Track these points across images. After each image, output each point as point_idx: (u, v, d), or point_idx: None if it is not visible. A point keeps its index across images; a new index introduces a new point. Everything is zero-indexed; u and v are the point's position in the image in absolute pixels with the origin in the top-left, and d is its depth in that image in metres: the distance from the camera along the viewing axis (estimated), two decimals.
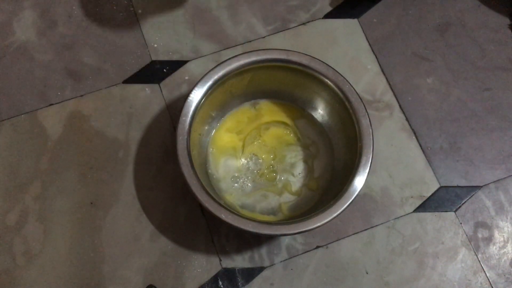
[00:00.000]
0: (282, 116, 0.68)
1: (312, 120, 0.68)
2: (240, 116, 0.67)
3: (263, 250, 0.64)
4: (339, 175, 0.63)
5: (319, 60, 0.61)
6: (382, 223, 0.66)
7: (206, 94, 0.59)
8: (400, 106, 0.72)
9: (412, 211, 0.67)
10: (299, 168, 0.66)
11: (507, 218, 0.67)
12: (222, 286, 0.63)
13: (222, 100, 0.64)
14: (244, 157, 0.66)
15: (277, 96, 0.68)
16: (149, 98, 0.71)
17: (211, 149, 0.66)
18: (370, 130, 0.58)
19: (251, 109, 0.68)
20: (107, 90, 0.72)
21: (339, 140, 0.65)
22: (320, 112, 0.67)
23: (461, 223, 0.67)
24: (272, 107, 0.68)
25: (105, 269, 0.63)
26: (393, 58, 0.74)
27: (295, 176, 0.65)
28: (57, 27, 0.75)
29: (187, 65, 0.73)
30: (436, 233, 0.66)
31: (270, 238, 0.65)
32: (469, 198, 0.68)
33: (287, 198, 0.65)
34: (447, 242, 0.66)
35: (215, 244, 0.65)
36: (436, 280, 0.64)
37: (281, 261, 0.64)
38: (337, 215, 0.55)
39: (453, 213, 0.67)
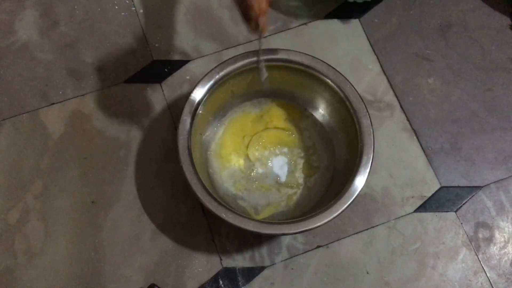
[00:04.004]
0: (283, 116, 0.68)
1: (313, 120, 0.68)
2: (243, 119, 0.67)
3: (264, 249, 0.65)
4: (340, 175, 0.63)
5: (320, 60, 0.61)
6: (382, 223, 0.66)
7: (207, 94, 0.59)
8: (401, 106, 0.72)
9: (412, 211, 0.67)
10: (300, 167, 0.66)
11: (507, 219, 0.67)
12: (222, 286, 0.63)
13: (223, 100, 0.65)
14: (246, 158, 0.66)
15: (278, 96, 0.68)
16: (150, 98, 0.71)
17: (212, 149, 0.66)
18: (371, 130, 0.58)
19: (253, 110, 0.68)
20: (109, 89, 0.72)
21: (340, 140, 0.65)
22: (321, 112, 0.67)
23: (461, 223, 0.67)
24: (273, 107, 0.68)
25: (105, 268, 0.63)
26: (394, 58, 0.74)
27: (296, 173, 0.65)
28: (59, 27, 0.75)
29: (188, 64, 0.73)
30: (436, 233, 0.66)
31: (270, 238, 0.65)
32: (470, 198, 0.68)
33: (293, 190, 0.65)
34: (447, 242, 0.66)
35: (215, 244, 0.65)
36: (437, 280, 0.64)
37: (281, 261, 0.64)
38: (338, 215, 0.55)
39: (453, 213, 0.67)
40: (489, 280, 0.64)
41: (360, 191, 0.56)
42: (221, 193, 0.64)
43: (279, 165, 0.66)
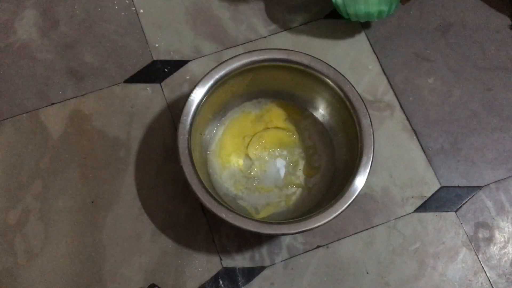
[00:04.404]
0: (283, 116, 0.68)
1: (313, 120, 0.68)
2: (242, 120, 0.67)
3: (264, 249, 0.65)
4: (340, 175, 0.63)
5: (320, 60, 0.61)
6: (382, 223, 0.66)
7: (207, 94, 0.59)
8: (401, 106, 0.72)
9: (412, 211, 0.67)
10: (300, 167, 0.66)
11: (507, 219, 0.67)
12: (222, 286, 0.63)
13: (223, 100, 0.65)
14: (246, 158, 0.66)
15: (278, 96, 0.68)
16: (150, 98, 0.71)
17: (212, 149, 0.66)
18: (371, 130, 0.58)
19: (253, 110, 0.68)
20: (109, 89, 0.72)
21: (340, 139, 0.65)
22: (321, 112, 0.67)
23: (461, 223, 0.67)
24: (273, 107, 0.68)
25: (105, 268, 0.63)
26: (394, 58, 0.74)
27: (297, 173, 0.65)
28: (59, 27, 0.75)
29: (188, 64, 0.73)
30: (436, 233, 0.66)
31: (270, 238, 0.65)
32: (470, 198, 0.68)
33: (292, 190, 0.65)
34: (447, 242, 0.66)
35: (215, 244, 0.65)
36: (437, 280, 0.64)
37: (281, 261, 0.64)
38: (338, 215, 0.55)
39: (453, 213, 0.67)
40: (489, 280, 0.64)
41: (360, 191, 0.56)
42: (221, 193, 0.64)
43: (278, 167, 0.66)
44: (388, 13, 0.69)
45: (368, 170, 0.56)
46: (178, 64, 0.73)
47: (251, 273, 0.64)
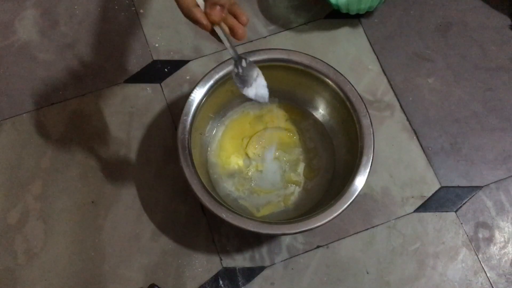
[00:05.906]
0: (283, 117, 0.68)
1: (313, 120, 0.68)
2: (242, 120, 0.67)
3: (264, 249, 0.65)
4: (339, 175, 0.63)
5: (320, 60, 0.61)
6: (382, 223, 0.66)
7: (207, 94, 0.59)
8: (401, 106, 0.72)
9: (412, 211, 0.67)
10: (300, 167, 0.66)
11: (507, 219, 0.67)
12: (222, 286, 0.63)
13: (223, 100, 0.65)
14: (245, 158, 0.66)
15: (278, 96, 0.68)
16: (150, 98, 0.71)
17: (212, 149, 0.66)
18: (371, 130, 0.58)
19: (253, 110, 0.68)
20: (109, 89, 0.72)
21: (340, 140, 0.65)
22: (321, 112, 0.67)
23: (461, 223, 0.67)
24: (273, 107, 0.68)
25: (105, 268, 0.63)
26: (394, 58, 0.74)
27: (297, 171, 0.65)
28: (59, 27, 0.75)
29: (188, 64, 0.73)
30: (436, 233, 0.66)
31: (270, 238, 0.65)
32: (470, 198, 0.68)
33: (290, 190, 0.65)
34: (447, 242, 0.66)
35: (215, 244, 0.65)
36: (437, 280, 0.64)
37: (281, 261, 0.64)
38: (338, 215, 0.55)
39: (453, 213, 0.67)
40: (489, 280, 0.64)
41: (360, 191, 0.56)
42: (221, 193, 0.64)
43: (276, 168, 0.66)
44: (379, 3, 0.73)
45: (368, 170, 0.56)
46: (178, 64, 0.73)
47: (251, 273, 0.64)
